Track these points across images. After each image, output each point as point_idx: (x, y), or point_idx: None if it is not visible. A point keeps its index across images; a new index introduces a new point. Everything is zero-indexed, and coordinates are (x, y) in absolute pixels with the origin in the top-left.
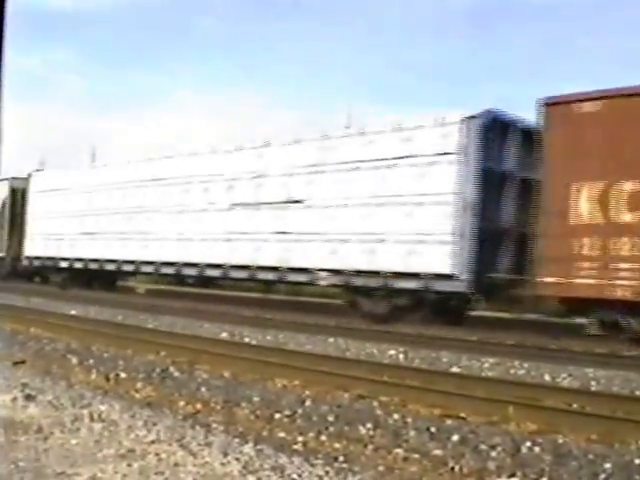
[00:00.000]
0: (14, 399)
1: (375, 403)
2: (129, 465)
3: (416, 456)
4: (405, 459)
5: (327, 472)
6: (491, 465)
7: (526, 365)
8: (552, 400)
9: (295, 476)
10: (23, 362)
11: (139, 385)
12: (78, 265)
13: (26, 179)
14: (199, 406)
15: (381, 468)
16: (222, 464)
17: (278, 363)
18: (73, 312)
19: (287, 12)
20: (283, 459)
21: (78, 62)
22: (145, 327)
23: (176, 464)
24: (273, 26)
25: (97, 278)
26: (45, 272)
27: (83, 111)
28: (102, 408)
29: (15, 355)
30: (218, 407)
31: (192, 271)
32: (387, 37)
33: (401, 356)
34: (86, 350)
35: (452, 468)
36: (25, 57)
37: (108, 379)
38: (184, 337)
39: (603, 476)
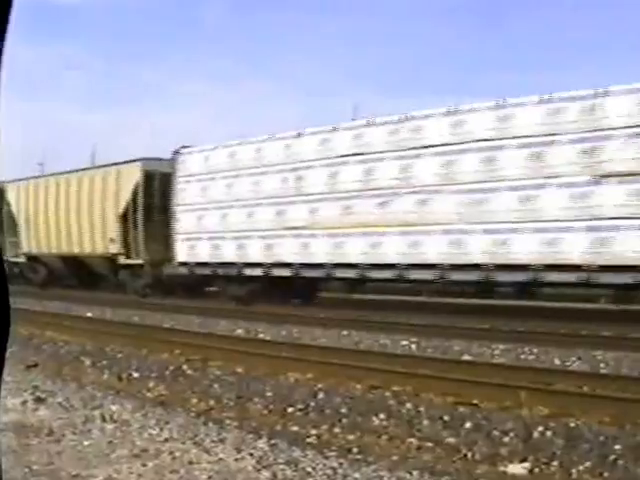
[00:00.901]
0: (24, 402)
1: (388, 393)
2: (144, 465)
3: (429, 444)
4: (419, 448)
5: (341, 464)
6: (503, 451)
7: (536, 350)
8: (563, 384)
9: (309, 469)
10: (35, 365)
11: (151, 384)
12: (279, 272)
13: (167, 161)
14: (212, 403)
15: (395, 458)
16: (236, 460)
17: (291, 357)
18: (89, 314)
19: (287, 3)
20: (297, 453)
21: (80, 57)
22: (161, 326)
23: (190, 462)
24: (275, 17)
25: (306, 288)
26: (216, 283)
27: (85, 107)
28: (114, 408)
29: (28, 358)
30: (231, 403)
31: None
32: (390, 26)
33: (413, 346)
34: (100, 351)
35: (465, 455)
36: (26, 52)
37: (120, 379)
38: (198, 335)
39: (613, 457)
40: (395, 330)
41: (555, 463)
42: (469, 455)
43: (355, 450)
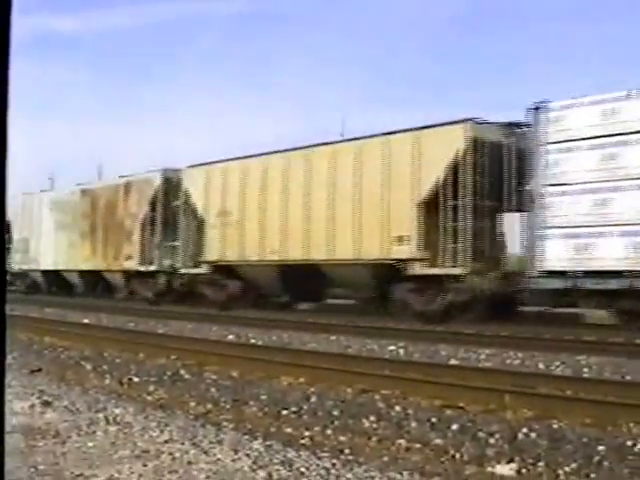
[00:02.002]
0: (32, 406)
1: (377, 397)
2: (144, 465)
3: (418, 446)
4: (408, 449)
5: (334, 464)
6: (490, 452)
7: (520, 355)
8: (546, 387)
9: (303, 469)
10: (39, 370)
11: (151, 388)
12: None
13: (502, 125)
14: (209, 406)
15: (385, 458)
16: (233, 460)
17: (284, 362)
18: (86, 320)
19: (275, 24)
20: (291, 453)
21: (86, 79)
22: (155, 332)
23: (189, 462)
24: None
25: None
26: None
27: (90, 126)
28: (116, 411)
29: (31, 364)
30: (227, 406)
31: None
32: (375, 45)
33: (401, 351)
34: (99, 356)
35: (453, 456)
36: (33, 74)
37: (121, 383)
38: (193, 341)
39: (597, 458)
40: (382, 335)
41: (541, 464)
42: (457, 456)
43: (347, 451)
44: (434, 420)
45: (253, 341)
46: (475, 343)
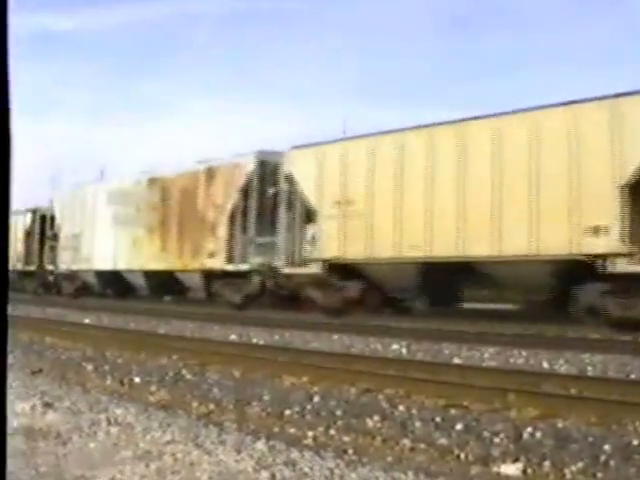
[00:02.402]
0: (33, 407)
1: (381, 396)
2: (146, 466)
3: (422, 446)
4: (412, 449)
5: (337, 464)
6: (495, 451)
7: (524, 353)
8: (551, 386)
9: (307, 470)
10: (40, 371)
11: (153, 388)
12: None
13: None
14: (212, 406)
15: (389, 459)
16: (236, 461)
17: (286, 361)
18: (87, 321)
19: (276, 18)
20: (295, 454)
21: (85, 78)
22: (157, 332)
23: (192, 463)
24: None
25: None
26: None
27: (92, 125)
28: (118, 412)
29: (32, 364)
30: (230, 406)
31: None
32: (379, 41)
33: (404, 350)
34: (101, 357)
35: (457, 456)
36: (33, 76)
37: (123, 384)
38: (195, 340)
39: (603, 457)
40: (385, 334)
41: (547, 463)
42: (462, 456)
43: (351, 451)
44: (438, 420)
45: (255, 340)
46: (479, 341)
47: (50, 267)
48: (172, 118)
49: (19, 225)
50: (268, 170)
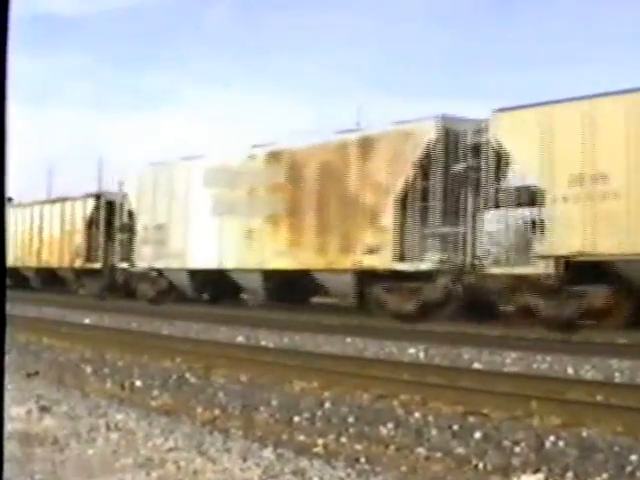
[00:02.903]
0: (29, 411)
1: (396, 402)
2: (148, 474)
3: (439, 455)
4: (427, 458)
5: (349, 474)
6: (515, 461)
7: (549, 359)
8: (576, 393)
9: (316, 479)
10: (36, 373)
11: (155, 393)
12: None
13: None
14: (217, 412)
15: (403, 468)
16: (242, 469)
17: (296, 365)
18: (87, 321)
19: (287, 4)
20: (304, 462)
21: (85, 67)
22: (160, 334)
23: (195, 471)
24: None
25: None
26: None
27: (90, 115)
28: (118, 417)
29: (29, 366)
30: (236, 412)
31: None
32: (392, 30)
33: (421, 354)
34: (100, 359)
35: (475, 466)
36: (32, 63)
37: (123, 388)
38: (199, 342)
39: (630, 468)
40: (401, 337)
41: (570, 474)
42: (480, 466)
43: (363, 460)
44: (456, 428)
45: (263, 343)
46: (500, 346)
47: (122, 265)
48: (177, 108)
49: (77, 214)
50: (452, 140)
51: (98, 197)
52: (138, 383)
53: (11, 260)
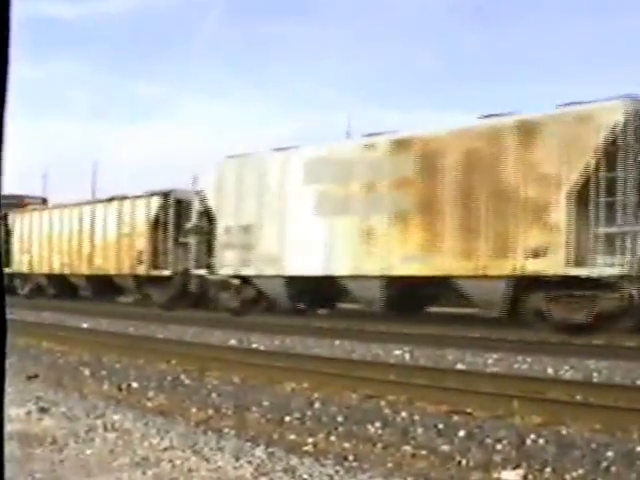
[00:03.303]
0: (29, 412)
1: (383, 402)
2: (144, 473)
3: (424, 452)
4: (413, 455)
5: (337, 471)
6: (497, 458)
7: (529, 360)
8: (555, 393)
9: (306, 476)
10: (36, 376)
11: (151, 394)
12: None
13: None
14: (211, 412)
15: (390, 465)
16: (235, 468)
17: (287, 367)
18: (85, 325)
19: (280, 17)
20: (294, 460)
21: (82, 74)
22: (155, 337)
23: (190, 470)
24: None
25: None
26: None
27: (86, 124)
28: (115, 418)
29: (28, 369)
30: (229, 412)
31: None
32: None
33: (407, 355)
34: (98, 361)
35: (459, 462)
36: (29, 69)
37: (120, 389)
38: (194, 345)
39: (605, 464)
40: (387, 340)
41: (548, 470)
42: (463, 462)
43: (351, 458)
44: (441, 426)
45: (255, 346)
46: (482, 347)
47: (198, 272)
48: (171, 115)
49: (138, 214)
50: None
51: (166, 195)
52: (135, 385)
53: (57, 267)
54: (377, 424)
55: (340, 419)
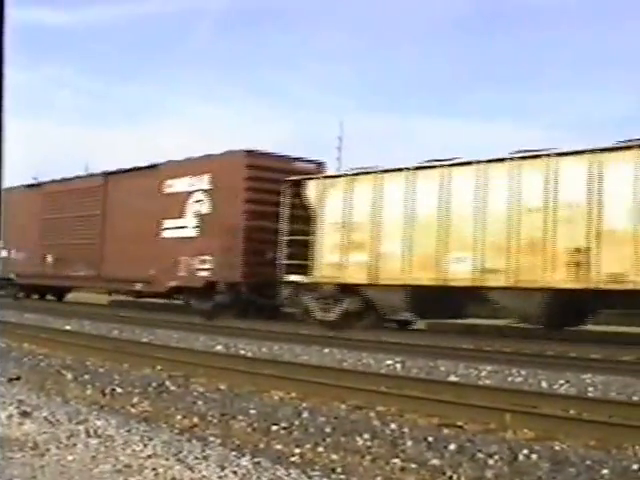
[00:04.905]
0: (9, 416)
1: (372, 414)
2: None
3: (414, 466)
4: (402, 469)
5: None
6: (488, 473)
7: (523, 372)
8: (549, 407)
9: None
10: (18, 378)
11: (135, 400)
12: None
13: None
14: (196, 420)
15: (379, 478)
16: (219, 477)
17: (274, 375)
18: (67, 327)
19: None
20: (281, 471)
21: (74, 77)
22: (140, 341)
23: (173, 478)
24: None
25: None
26: None
27: (77, 125)
28: (98, 423)
29: (10, 371)
30: (215, 420)
31: None
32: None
33: (398, 366)
34: (81, 365)
35: (450, 477)
36: (22, 73)
37: (104, 394)
38: (179, 350)
39: None
40: (379, 349)
41: None
42: (454, 477)
43: (339, 470)
44: (431, 439)
45: (242, 352)
46: (476, 359)
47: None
48: (161, 118)
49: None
50: None
51: None
52: (119, 390)
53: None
54: (366, 436)
55: (328, 430)
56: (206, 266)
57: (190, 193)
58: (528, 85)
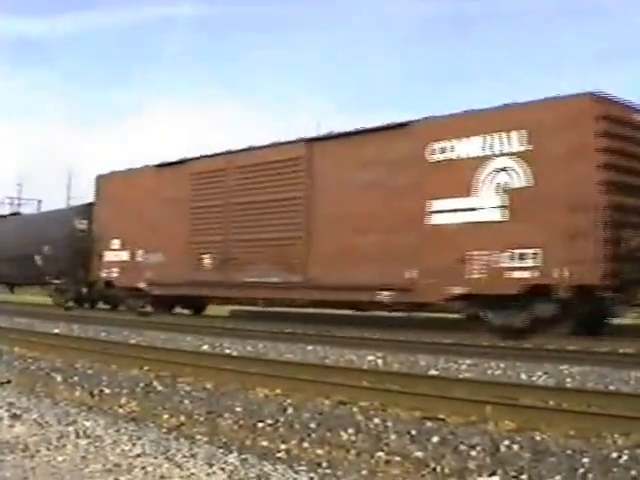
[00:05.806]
0: (0, 419)
1: (356, 409)
2: (116, 479)
3: (398, 459)
4: (387, 462)
5: (311, 478)
6: (471, 464)
7: (502, 365)
8: (529, 398)
9: None
10: (8, 382)
11: (123, 400)
12: None
13: None
14: (183, 418)
15: (364, 472)
16: (207, 474)
17: (259, 373)
18: (56, 330)
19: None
20: (267, 467)
21: (56, 84)
22: (128, 343)
23: (162, 476)
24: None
25: None
26: None
27: (59, 130)
28: (87, 424)
29: (1, 375)
30: (202, 419)
31: None
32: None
33: (380, 361)
34: (70, 367)
35: (434, 469)
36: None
37: (93, 395)
38: (166, 351)
39: (582, 470)
40: (360, 345)
41: (524, 477)
42: (438, 469)
43: (324, 464)
44: (414, 432)
45: (228, 351)
46: (455, 353)
47: None
48: (142, 120)
49: None
50: None
51: None
52: (107, 391)
53: None
54: (350, 430)
55: (313, 425)
56: (527, 263)
57: (484, 159)
58: (498, 84)
